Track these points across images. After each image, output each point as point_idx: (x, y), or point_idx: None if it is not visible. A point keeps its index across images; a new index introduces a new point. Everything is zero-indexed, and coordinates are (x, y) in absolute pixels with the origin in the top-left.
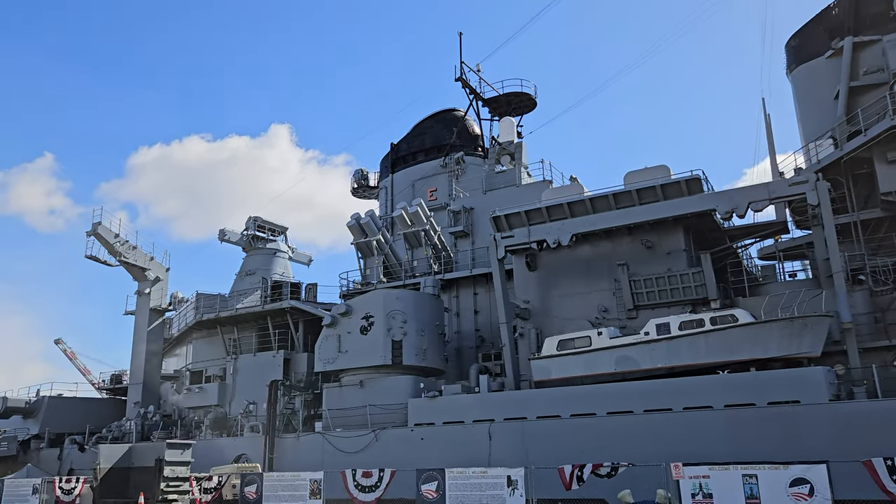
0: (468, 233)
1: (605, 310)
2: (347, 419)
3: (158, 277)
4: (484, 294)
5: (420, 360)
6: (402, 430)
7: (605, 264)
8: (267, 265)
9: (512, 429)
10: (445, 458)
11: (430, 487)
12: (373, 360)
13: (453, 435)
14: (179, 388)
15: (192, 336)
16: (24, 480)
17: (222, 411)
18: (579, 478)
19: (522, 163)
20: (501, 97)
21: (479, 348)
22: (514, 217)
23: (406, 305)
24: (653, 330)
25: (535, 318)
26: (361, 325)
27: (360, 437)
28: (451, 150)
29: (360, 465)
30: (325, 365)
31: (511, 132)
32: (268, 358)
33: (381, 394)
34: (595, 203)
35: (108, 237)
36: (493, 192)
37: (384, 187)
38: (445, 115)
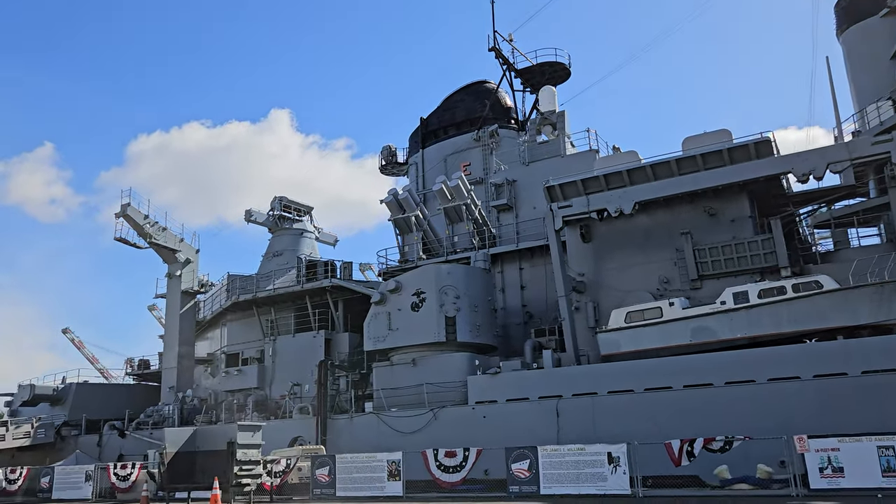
0: (511, 206)
1: (666, 281)
2: (400, 399)
3: (189, 259)
4: (530, 269)
5: (474, 336)
6: (462, 409)
7: (664, 234)
8: (294, 245)
9: (581, 405)
10: (510, 437)
11: (521, 466)
12: (426, 337)
13: (518, 412)
14: (214, 372)
15: (225, 318)
16: (75, 467)
17: (262, 394)
18: (689, 453)
19: (565, 132)
20: (535, 67)
21: (526, 324)
22: (570, 186)
23: (458, 280)
24: (730, 299)
25: (591, 291)
26: (412, 301)
27: (417, 416)
28: (485, 123)
29: (418, 445)
30: (374, 343)
31: (552, 101)
32: (308, 338)
33: (435, 372)
34: (656, 170)
35: (138, 218)
36: (537, 164)
37: (414, 163)
38: (477, 88)
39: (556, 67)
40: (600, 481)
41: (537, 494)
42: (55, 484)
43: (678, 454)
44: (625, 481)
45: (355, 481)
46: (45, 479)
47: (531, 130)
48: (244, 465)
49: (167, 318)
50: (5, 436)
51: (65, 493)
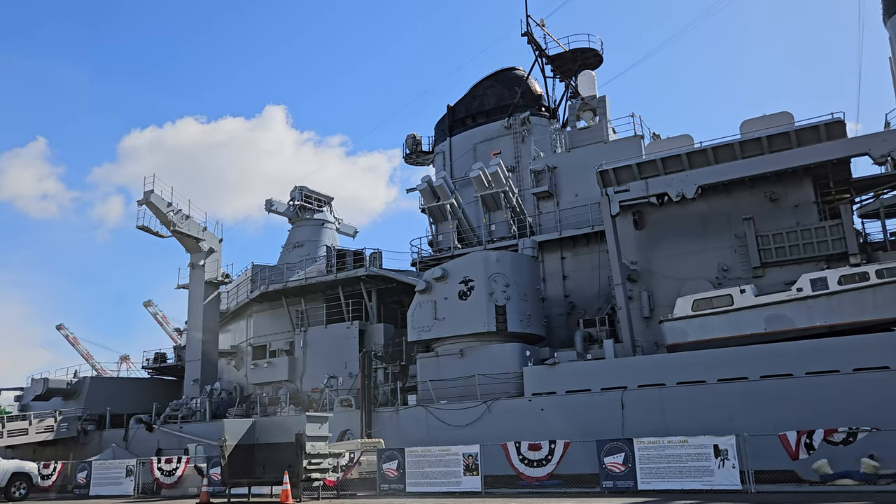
0: (552, 193)
1: (725, 268)
2: (446, 391)
3: (212, 249)
4: (572, 258)
5: (524, 326)
6: (518, 401)
7: (723, 220)
8: (315, 236)
9: (648, 396)
10: (570, 430)
11: (615, 460)
12: (475, 326)
13: (579, 404)
14: (239, 365)
15: (251, 309)
16: (115, 462)
17: (293, 386)
18: (808, 446)
19: (607, 118)
20: (567, 54)
21: (569, 315)
22: (624, 171)
23: (507, 268)
24: (807, 285)
25: (644, 280)
26: (460, 289)
27: (469, 409)
28: (516, 111)
29: (470, 438)
30: (419, 333)
31: (592, 86)
32: (341, 329)
33: (484, 363)
34: (718, 153)
35: (161, 206)
36: (578, 150)
37: (441, 152)
38: (506, 75)
39: (589, 54)
40: (706, 476)
41: (634, 490)
42: (93, 479)
43: (795, 447)
44: (734, 476)
45: (427, 476)
46: (81, 474)
47: (571, 116)
48: (313, 458)
49: (190, 309)
50: (28, 430)
51: (104, 489)
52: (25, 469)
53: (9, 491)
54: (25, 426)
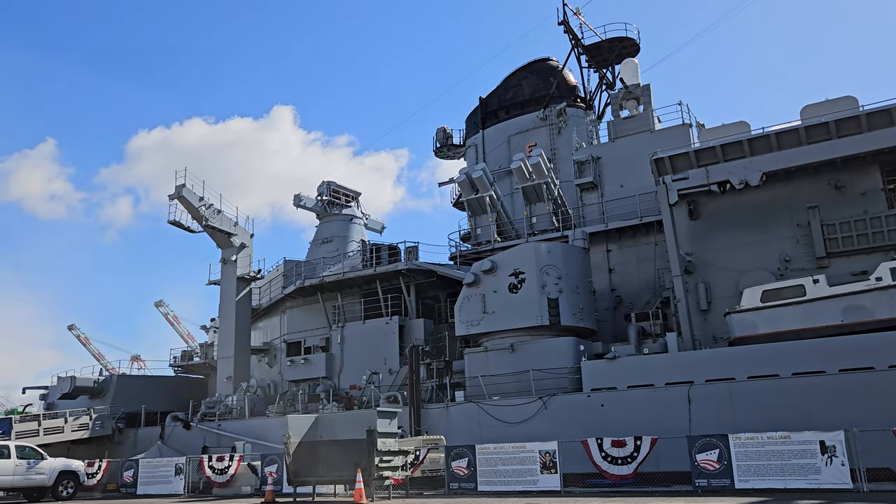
0: (596, 184)
1: (787, 259)
2: (496, 386)
3: (244, 244)
4: (618, 251)
5: (577, 319)
6: (575, 397)
7: (784, 208)
8: (344, 232)
9: (716, 391)
10: (632, 426)
11: (709, 457)
12: (526, 320)
13: (641, 400)
14: (272, 362)
15: (285, 305)
16: (163, 460)
17: (330, 383)
18: None
19: (651, 107)
20: (603, 43)
21: (616, 309)
22: (681, 159)
23: (558, 260)
24: (886, 274)
25: (700, 272)
26: (510, 282)
27: (524, 405)
28: (551, 102)
29: (525, 436)
30: (467, 328)
31: (635, 74)
32: (380, 325)
33: (536, 358)
34: (781, 139)
35: (193, 200)
36: (623, 140)
37: (473, 144)
38: (540, 65)
39: (626, 43)
40: (812, 474)
41: (731, 488)
42: (140, 478)
43: None
44: (844, 474)
45: (501, 474)
46: (128, 472)
47: (613, 105)
48: (384, 455)
49: (222, 305)
50: (63, 427)
51: (152, 488)
52: (73, 467)
53: (56, 490)
54: (61, 424)
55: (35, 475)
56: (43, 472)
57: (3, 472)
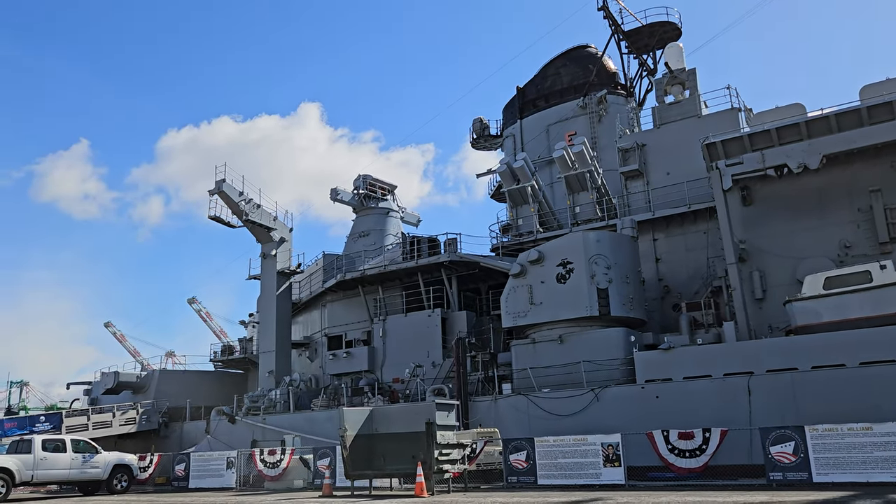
0: (642, 172)
1: (847, 245)
2: (545, 378)
3: (283, 238)
4: (665, 239)
5: (627, 310)
6: (629, 388)
7: (844, 192)
8: (381, 225)
9: (779, 382)
10: (689, 418)
11: (783, 449)
12: (575, 311)
13: (698, 391)
14: (312, 356)
15: (325, 299)
16: (214, 454)
17: (372, 377)
18: None
19: (697, 91)
20: (643, 28)
21: (663, 299)
22: (734, 143)
23: (607, 249)
24: None
25: (755, 259)
26: (558, 272)
27: (575, 397)
28: (591, 90)
29: (576, 428)
30: (514, 319)
31: (679, 59)
32: (422, 318)
33: (586, 349)
34: (841, 120)
35: (233, 195)
36: (669, 126)
37: (511, 135)
38: (578, 53)
39: (667, 28)
40: None
41: (808, 482)
42: (192, 472)
43: None
44: None
45: (561, 467)
46: (179, 466)
47: (658, 91)
48: (444, 448)
49: (262, 299)
50: (111, 422)
51: (204, 482)
52: (126, 461)
53: (111, 483)
54: (109, 419)
55: (90, 469)
56: (98, 466)
57: (60, 465)
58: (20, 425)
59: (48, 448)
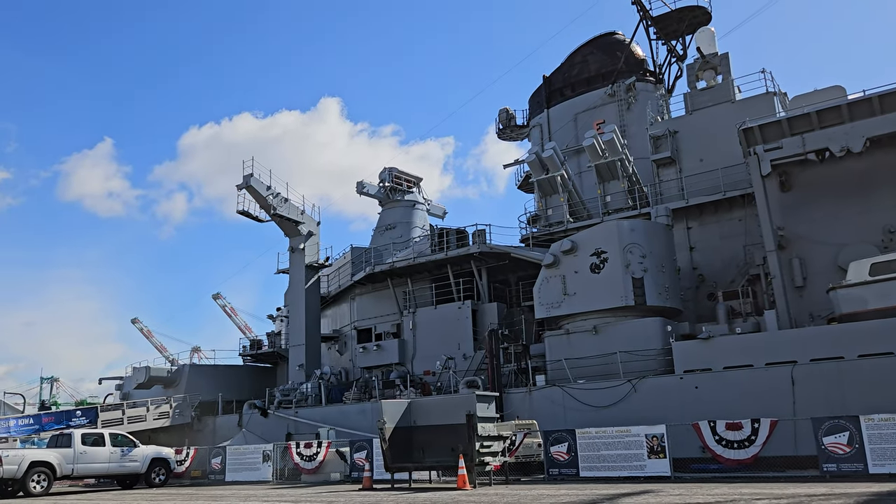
0: (674, 159)
1: (892, 230)
2: (579, 370)
3: (311, 232)
4: (698, 228)
5: (663, 299)
6: (667, 379)
7: (887, 176)
8: (407, 218)
9: (824, 371)
10: (729, 409)
11: (837, 440)
12: (610, 301)
13: (739, 381)
14: (342, 349)
15: (354, 292)
16: (249, 447)
17: (403, 369)
18: None
19: (731, 76)
20: (672, 13)
21: (698, 288)
22: (773, 127)
23: (642, 237)
24: None
25: (794, 246)
26: (591, 262)
27: (612, 388)
28: (619, 77)
29: (613, 420)
30: (548, 310)
31: (712, 43)
32: (452, 310)
33: (621, 339)
34: (885, 102)
35: (261, 189)
36: (702, 112)
37: (538, 124)
38: (605, 40)
39: (697, 12)
40: None
41: (864, 473)
42: (228, 465)
43: None
44: None
45: (604, 459)
46: (215, 459)
47: (689, 76)
48: (485, 440)
49: (291, 293)
50: (146, 416)
51: (240, 475)
52: (163, 454)
53: (149, 476)
54: (143, 413)
55: (129, 462)
56: (136, 460)
57: (99, 459)
58: (57, 420)
59: (87, 442)
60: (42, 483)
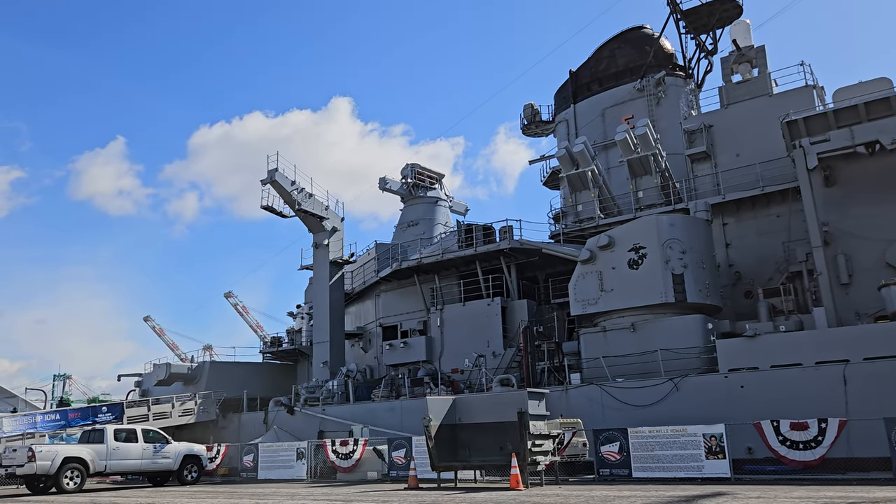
0: (709, 154)
1: None
2: (616, 368)
3: (335, 228)
4: (734, 224)
5: (704, 296)
6: (711, 378)
7: None
8: (430, 214)
9: (878, 370)
10: (777, 409)
11: None
12: (649, 297)
13: (788, 381)
14: (366, 346)
15: (379, 289)
16: (283, 445)
17: (430, 367)
18: None
19: (767, 69)
20: (703, 7)
21: (734, 286)
22: (818, 120)
23: (681, 233)
24: None
25: (839, 242)
26: (629, 258)
27: (652, 387)
28: (648, 72)
29: (652, 419)
30: (584, 307)
31: (747, 36)
32: (481, 307)
33: (660, 337)
34: None
35: (286, 185)
36: (738, 106)
37: (564, 120)
38: (633, 34)
39: (728, 6)
40: None
41: None
42: (260, 463)
43: None
44: None
45: (658, 460)
46: (247, 457)
47: (724, 69)
48: (537, 439)
49: (315, 290)
50: (171, 413)
51: (273, 473)
52: (195, 451)
53: (181, 474)
54: (168, 409)
55: (161, 459)
56: (169, 457)
57: (132, 456)
58: (83, 415)
59: (120, 438)
60: (75, 479)
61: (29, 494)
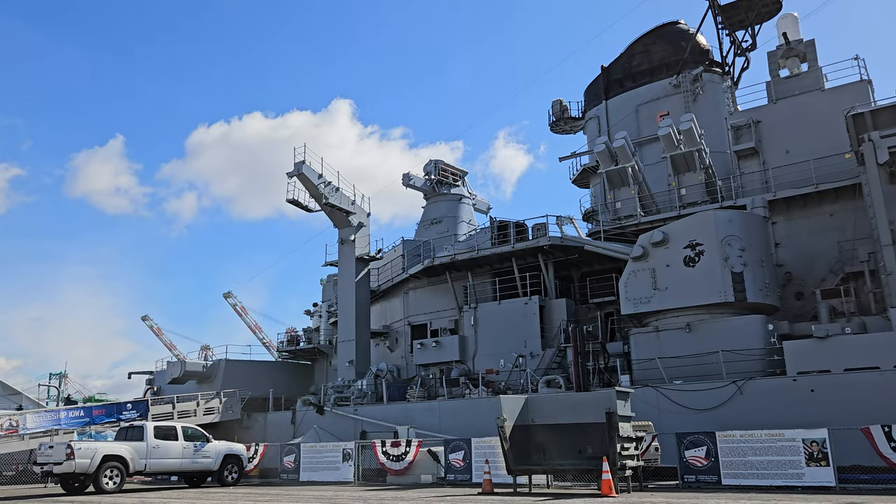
0: (757, 151)
1: None
2: (670, 370)
3: (361, 223)
4: (784, 223)
5: (763, 295)
6: (779, 381)
7: None
8: (454, 212)
9: None
10: (851, 414)
11: None
12: (707, 296)
13: (862, 385)
14: (393, 345)
15: (407, 286)
16: (328, 445)
17: (464, 367)
18: None
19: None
20: (741, 2)
21: (785, 287)
22: (886, 113)
23: (740, 229)
24: None
25: None
26: (685, 255)
27: (714, 390)
28: (684, 67)
29: (710, 424)
30: (636, 306)
31: (795, 29)
32: (517, 305)
33: (717, 338)
34: None
35: (313, 178)
36: (787, 101)
37: (595, 116)
38: (668, 29)
39: (767, 1)
40: None
41: None
42: (303, 464)
43: None
44: None
45: (752, 466)
46: (288, 457)
47: (772, 64)
48: (625, 441)
49: (340, 286)
50: (195, 411)
51: (317, 475)
52: (235, 451)
53: (221, 475)
54: (193, 407)
55: (202, 458)
56: (209, 456)
57: (172, 454)
58: (108, 413)
59: (160, 435)
60: (115, 479)
61: (63, 494)
